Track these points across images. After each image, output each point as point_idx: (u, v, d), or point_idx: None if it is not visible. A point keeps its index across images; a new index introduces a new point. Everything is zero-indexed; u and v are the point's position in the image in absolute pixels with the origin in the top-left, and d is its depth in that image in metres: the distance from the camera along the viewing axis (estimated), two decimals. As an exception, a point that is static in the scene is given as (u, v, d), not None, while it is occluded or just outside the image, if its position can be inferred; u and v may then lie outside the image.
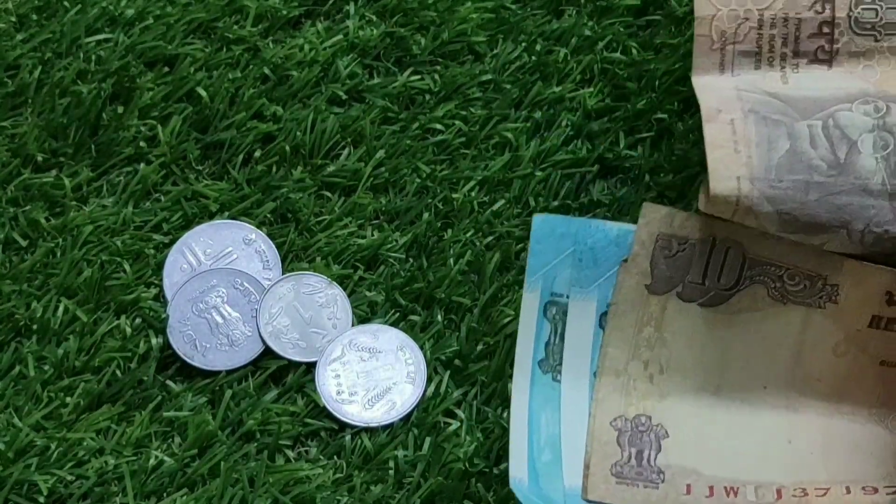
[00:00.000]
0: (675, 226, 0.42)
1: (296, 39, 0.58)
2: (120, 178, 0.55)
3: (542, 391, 0.41)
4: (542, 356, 0.41)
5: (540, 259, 0.42)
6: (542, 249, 0.42)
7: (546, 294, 0.42)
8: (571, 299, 0.42)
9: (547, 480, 0.40)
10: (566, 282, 0.42)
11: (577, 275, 0.42)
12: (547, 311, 0.42)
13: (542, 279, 0.42)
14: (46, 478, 0.47)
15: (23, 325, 0.51)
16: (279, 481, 0.48)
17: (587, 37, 0.59)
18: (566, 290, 0.42)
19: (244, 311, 0.51)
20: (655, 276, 0.42)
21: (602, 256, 0.43)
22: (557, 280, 0.42)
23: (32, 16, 0.58)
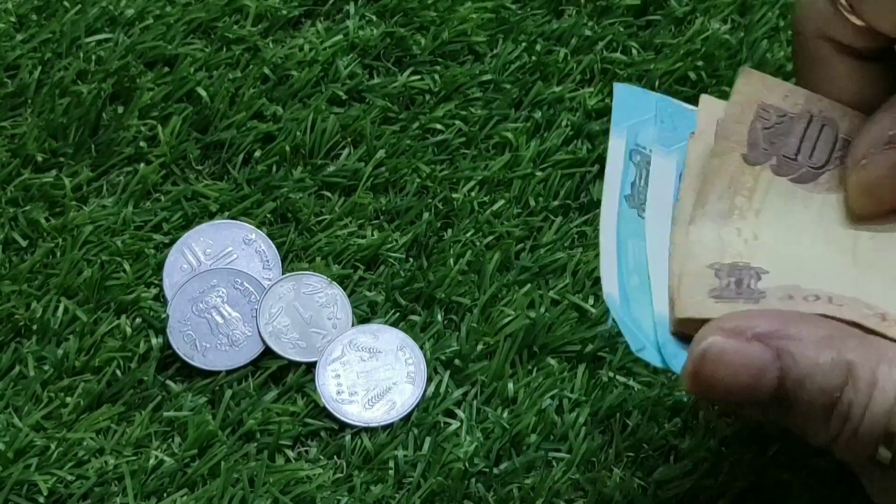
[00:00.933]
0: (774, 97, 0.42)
1: (296, 39, 0.58)
2: (120, 178, 0.55)
3: (628, 223, 0.42)
4: (629, 192, 0.42)
5: (624, 114, 0.43)
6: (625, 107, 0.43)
7: (632, 142, 0.43)
8: (654, 155, 0.42)
9: (636, 304, 0.40)
10: (648, 138, 0.42)
11: (660, 134, 0.42)
12: (633, 157, 0.43)
13: (626, 130, 0.43)
14: (46, 478, 0.47)
15: (23, 325, 0.51)
16: (279, 481, 0.48)
17: (587, 37, 0.59)
18: (648, 144, 0.42)
19: (244, 311, 0.51)
20: (751, 146, 0.42)
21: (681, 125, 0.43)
22: (641, 134, 0.43)
23: (32, 16, 0.58)
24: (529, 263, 0.53)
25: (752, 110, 0.42)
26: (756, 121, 0.42)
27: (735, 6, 0.60)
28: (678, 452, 0.49)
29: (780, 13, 0.60)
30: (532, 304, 0.52)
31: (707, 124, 0.43)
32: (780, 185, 0.42)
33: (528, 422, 0.49)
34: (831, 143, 0.42)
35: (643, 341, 0.39)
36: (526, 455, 0.49)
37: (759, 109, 0.42)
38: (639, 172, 0.42)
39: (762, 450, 0.49)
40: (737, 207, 0.41)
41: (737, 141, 0.42)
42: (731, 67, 0.58)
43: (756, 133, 0.42)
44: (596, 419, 0.49)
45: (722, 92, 0.57)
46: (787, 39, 0.60)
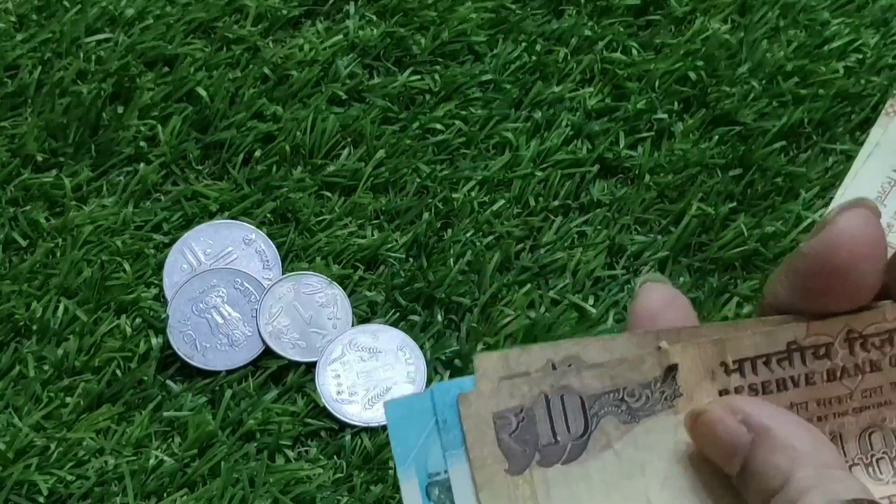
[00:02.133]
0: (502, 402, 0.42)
1: (296, 39, 0.58)
2: (120, 178, 0.55)
3: None
4: None
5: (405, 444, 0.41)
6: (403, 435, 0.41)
7: (423, 477, 0.41)
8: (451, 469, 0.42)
9: None
10: (438, 458, 0.41)
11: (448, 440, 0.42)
12: (430, 494, 0.41)
13: (413, 464, 0.41)
14: (46, 478, 0.47)
15: (23, 325, 0.51)
16: (279, 481, 0.48)
17: (587, 37, 0.59)
18: (440, 465, 0.41)
19: (244, 311, 0.51)
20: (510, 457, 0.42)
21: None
22: (430, 458, 0.41)
23: (32, 16, 0.58)
24: (529, 263, 0.53)
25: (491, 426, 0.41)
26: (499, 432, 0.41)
27: (735, 6, 0.60)
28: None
29: (780, 13, 0.60)
30: (532, 304, 0.52)
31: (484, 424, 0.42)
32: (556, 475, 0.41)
33: (528, 422, 0.49)
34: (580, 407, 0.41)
35: None
36: (526, 455, 0.49)
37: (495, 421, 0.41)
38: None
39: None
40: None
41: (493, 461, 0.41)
42: (731, 67, 0.58)
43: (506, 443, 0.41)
44: (596, 419, 0.49)
45: (722, 92, 0.57)
46: (787, 39, 0.60)
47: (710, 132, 0.57)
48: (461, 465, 0.41)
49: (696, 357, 0.42)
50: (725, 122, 0.57)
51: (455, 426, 0.42)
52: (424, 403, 0.42)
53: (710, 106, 0.57)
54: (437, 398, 0.42)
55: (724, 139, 0.56)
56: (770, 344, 0.41)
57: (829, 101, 0.57)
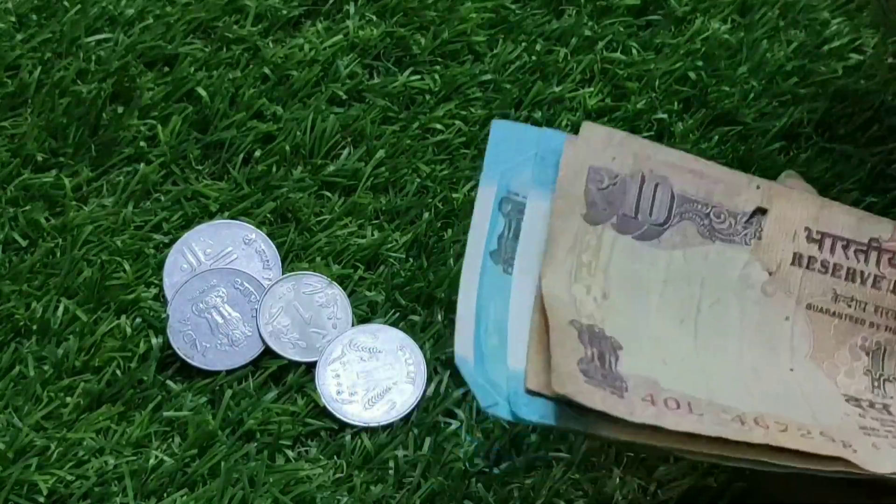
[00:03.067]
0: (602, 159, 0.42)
1: (296, 39, 0.58)
2: (120, 177, 0.55)
3: (493, 281, 0.40)
4: (495, 248, 0.41)
5: (499, 158, 0.42)
6: (501, 150, 0.42)
7: (503, 190, 0.42)
8: (530, 198, 0.42)
9: (492, 363, 0.39)
10: (524, 182, 0.41)
11: (540, 174, 0.42)
12: (503, 206, 0.42)
13: (499, 176, 0.42)
14: (46, 478, 0.47)
15: (23, 325, 0.51)
16: (279, 481, 0.48)
17: (587, 37, 0.59)
18: (523, 189, 0.41)
19: (244, 310, 0.51)
20: (590, 206, 0.42)
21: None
22: (515, 180, 0.41)
23: (32, 16, 0.58)
24: (529, 263, 0.53)
25: (584, 174, 0.42)
26: (590, 183, 0.41)
27: (735, 6, 0.60)
28: (678, 452, 0.49)
29: (779, 13, 0.60)
30: (532, 304, 0.52)
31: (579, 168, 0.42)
32: (624, 243, 0.41)
33: (528, 422, 0.49)
34: (668, 201, 0.42)
35: (495, 398, 0.38)
36: (526, 455, 0.49)
37: (590, 173, 0.42)
38: (507, 224, 0.41)
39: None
40: (584, 265, 0.41)
41: (575, 201, 0.41)
42: (731, 67, 0.58)
43: (592, 194, 0.41)
44: (596, 419, 0.49)
45: (721, 92, 0.57)
46: (787, 39, 0.60)
47: (710, 132, 0.57)
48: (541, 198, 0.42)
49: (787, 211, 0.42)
50: (725, 122, 0.57)
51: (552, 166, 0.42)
52: (530, 135, 0.43)
53: (710, 106, 0.57)
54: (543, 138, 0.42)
55: (724, 139, 0.56)
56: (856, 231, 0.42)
57: (829, 101, 0.57)
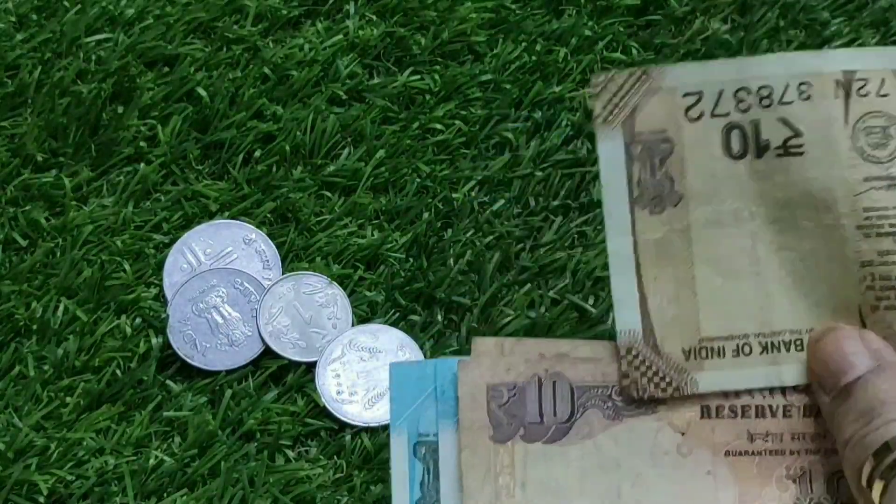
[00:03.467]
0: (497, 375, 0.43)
1: (296, 39, 0.58)
2: (120, 177, 0.55)
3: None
4: (420, 495, 0.42)
5: (402, 404, 0.43)
6: (402, 395, 0.43)
7: (413, 436, 0.43)
8: (441, 435, 0.43)
9: None
10: (432, 420, 0.42)
11: (443, 408, 0.43)
12: (417, 452, 0.43)
13: (406, 423, 0.43)
14: (46, 478, 0.47)
15: (23, 325, 0.51)
16: (279, 481, 0.48)
17: (587, 37, 0.59)
18: (432, 428, 0.43)
19: (244, 310, 0.51)
20: (495, 427, 0.43)
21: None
22: (422, 420, 0.43)
23: (32, 16, 0.58)
24: (529, 263, 0.53)
25: (483, 395, 0.42)
26: (491, 403, 0.42)
27: (735, 6, 0.60)
28: (678, 452, 0.49)
29: (779, 13, 0.60)
30: (532, 304, 0.52)
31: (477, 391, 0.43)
32: (535, 452, 0.42)
33: (528, 422, 0.49)
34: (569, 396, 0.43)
35: None
36: (526, 455, 0.49)
37: (488, 392, 0.43)
38: (426, 468, 0.42)
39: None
40: (503, 488, 0.42)
41: (480, 427, 0.42)
42: (731, 67, 0.58)
43: (495, 413, 0.42)
44: (596, 419, 0.49)
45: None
46: (787, 39, 0.60)
47: (710, 132, 0.57)
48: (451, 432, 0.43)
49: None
50: (725, 122, 0.57)
51: (451, 398, 0.43)
52: (426, 371, 0.43)
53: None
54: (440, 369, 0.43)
55: (724, 139, 0.56)
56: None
57: (829, 101, 0.57)
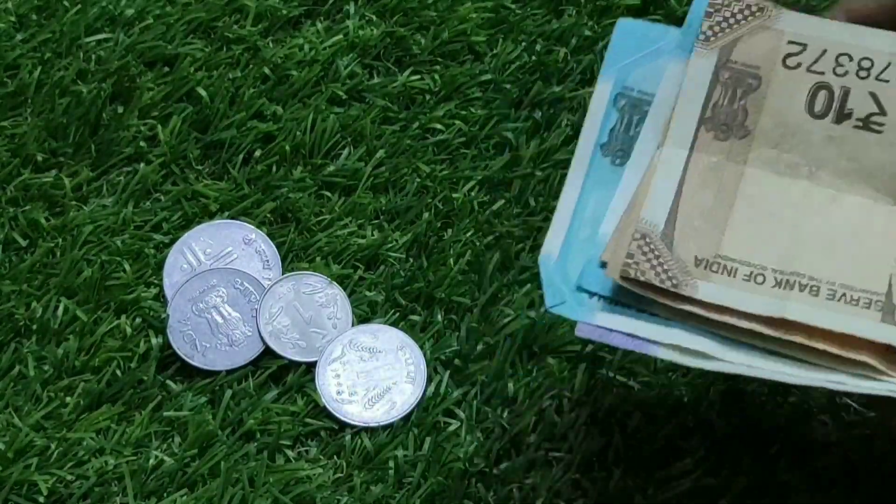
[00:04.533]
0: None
1: (296, 39, 0.58)
2: (120, 177, 0.55)
3: (599, 173, 0.43)
4: (605, 140, 0.43)
5: (618, 54, 0.44)
6: (622, 47, 0.44)
7: (619, 85, 0.44)
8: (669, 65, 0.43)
9: (574, 257, 0.42)
10: (640, 77, 0.43)
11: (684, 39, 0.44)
12: (617, 101, 0.44)
13: (616, 72, 0.44)
14: (46, 478, 0.47)
15: (23, 325, 0.51)
16: (279, 481, 0.48)
17: (587, 37, 0.59)
18: (639, 84, 0.43)
19: (244, 310, 0.51)
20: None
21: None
22: (632, 75, 0.44)
23: (32, 16, 0.58)
24: (529, 263, 0.53)
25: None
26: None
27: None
28: (678, 452, 0.49)
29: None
30: (532, 304, 0.52)
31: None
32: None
33: (528, 422, 0.49)
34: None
35: (563, 296, 0.41)
36: (526, 455, 0.49)
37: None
38: (620, 118, 0.43)
39: (762, 450, 0.49)
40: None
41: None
42: (731, 67, 0.58)
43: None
44: (596, 419, 0.49)
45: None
46: (787, 39, 0.60)
47: (710, 132, 0.57)
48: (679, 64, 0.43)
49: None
50: (725, 121, 0.57)
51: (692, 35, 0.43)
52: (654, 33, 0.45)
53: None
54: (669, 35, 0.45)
55: (724, 139, 0.56)
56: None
57: (829, 100, 0.57)
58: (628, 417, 0.49)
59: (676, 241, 0.42)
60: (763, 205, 0.43)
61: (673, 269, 0.41)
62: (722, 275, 0.41)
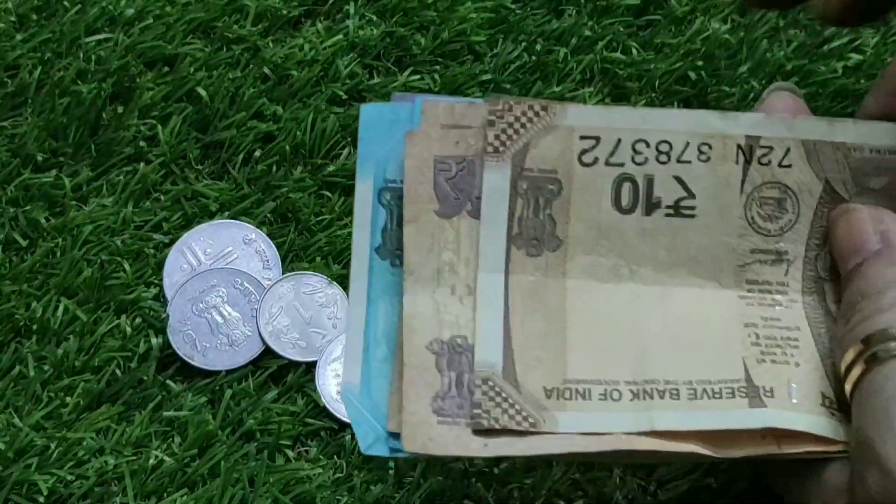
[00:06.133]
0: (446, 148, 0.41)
1: (296, 39, 0.58)
2: (120, 177, 0.55)
3: (381, 278, 0.41)
4: (380, 243, 0.41)
5: (371, 147, 0.41)
6: (372, 138, 0.41)
7: (379, 181, 0.41)
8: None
9: (378, 382, 0.40)
10: (399, 167, 0.41)
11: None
12: (381, 198, 0.41)
13: (374, 167, 0.41)
14: (46, 478, 0.47)
15: (23, 325, 0.51)
16: (279, 481, 0.48)
17: (587, 37, 0.59)
18: (400, 174, 0.41)
19: (244, 310, 0.51)
20: (442, 201, 0.41)
21: None
22: (390, 166, 0.41)
23: (32, 16, 0.58)
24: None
25: (430, 167, 0.41)
26: (437, 175, 0.41)
27: (735, 6, 0.60)
28: (678, 452, 0.49)
29: (780, 13, 0.60)
30: (532, 303, 0.52)
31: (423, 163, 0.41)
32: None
33: (528, 422, 0.49)
34: None
35: (376, 432, 0.39)
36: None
37: (436, 164, 0.41)
38: (389, 214, 0.41)
39: (762, 450, 0.49)
40: (446, 264, 0.40)
41: (426, 201, 0.41)
42: (731, 67, 0.58)
43: (442, 187, 0.41)
44: (596, 419, 0.49)
45: (722, 92, 0.57)
46: (787, 39, 0.60)
47: (710, 132, 0.56)
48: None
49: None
50: (725, 122, 0.57)
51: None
52: (400, 114, 0.42)
53: (711, 106, 0.57)
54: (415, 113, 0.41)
55: (724, 139, 0.56)
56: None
57: (829, 100, 0.57)
58: (628, 417, 0.49)
59: (521, 377, 0.39)
60: (596, 317, 0.40)
61: (526, 408, 0.39)
62: (576, 400, 0.39)
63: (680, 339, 0.41)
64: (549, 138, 0.41)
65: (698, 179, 0.41)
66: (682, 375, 0.40)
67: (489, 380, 0.39)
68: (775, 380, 0.40)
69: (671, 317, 0.41)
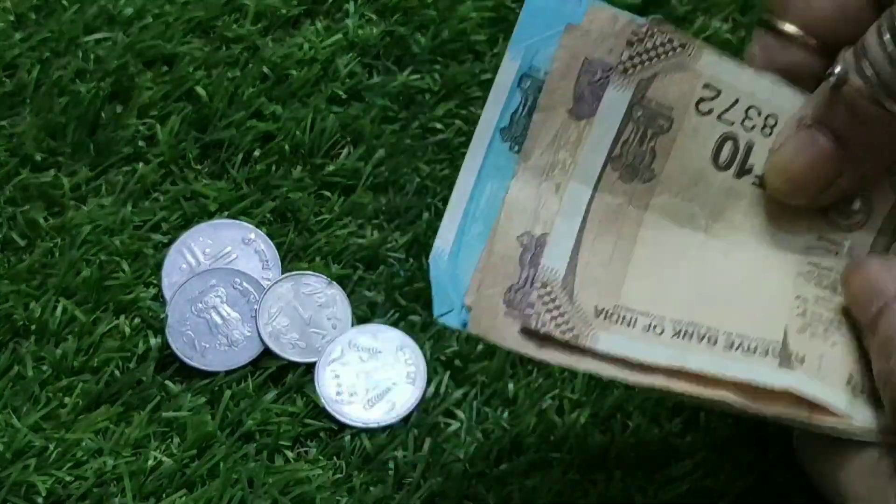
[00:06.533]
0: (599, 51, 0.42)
1: (295, 38, 0.58)
2: (119, 177, 0.54)
3: (496, 159, 0.41)
4: (506, 124, 0.41)
5: (528, 31, 0.42)
6: (532, 23, 0.42)
7: (525, 66, 0.42)
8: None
9: (466, 255, 0.41)
10: (549, 58, 0.41)
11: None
12: (522, 82, 0.42)
13: (524, 50, 0.42)
14: (45, 479, 0.47)
15: (21, 325, 0.51)
16: (279, 482, 0.48)
17: (587, 36, 0.59)
18: (546, 65, 0.41)
19: (243, 311, 0.51)
20: (577, 101, 0.42)
21: None
22: (539, 55, 0.42)
23: (31, 15, 0.58)
24: (529, 263, 0.52)
25: (578, 66, 0.42)
26: (582, 75, 0.42)
27: (736, 5, 0.60)
28: (678, 452, 0.49)
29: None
30: (532, 304, 0.52)
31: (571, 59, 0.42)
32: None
33: (528, 422, 0.49)
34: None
35: (451, 303, 0.40)
36: (526, 456, 0.48)
37: (584, 64, 0.42)
38: (523, 101, 0.41)
39: (763, 450, 0.49)
40: (559, 162, 0.41)
41: (562, 96, 0.41)
42: (731, 67, 0.58)
43: (582, 88, 0.41)
44: (596, 420, 0.49)
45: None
46: (787, 38, 0.60)
47: (710, 132, 0.56)
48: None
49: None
50: (726, 121, 0.57)
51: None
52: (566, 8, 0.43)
53: (711, 105, 0.57)
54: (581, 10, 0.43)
55: (725, 139, 0.56)
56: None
57: (831, 100, 0.57)
58: (629, 418, 0.49)
59: (577, 290, 0.40)
60: (662, 254, 0.42)
61: (574, 320, 0.40)
62: (622, 325, 0.40)
63: (732, 293, 0.42)
64: (677, 76, 0.42)
65: None
66: (724, 326, 0.41)
67: (548, 284, 0.40)
68: (810, 351, 0.41)
69: (730, 273, 0.42)
